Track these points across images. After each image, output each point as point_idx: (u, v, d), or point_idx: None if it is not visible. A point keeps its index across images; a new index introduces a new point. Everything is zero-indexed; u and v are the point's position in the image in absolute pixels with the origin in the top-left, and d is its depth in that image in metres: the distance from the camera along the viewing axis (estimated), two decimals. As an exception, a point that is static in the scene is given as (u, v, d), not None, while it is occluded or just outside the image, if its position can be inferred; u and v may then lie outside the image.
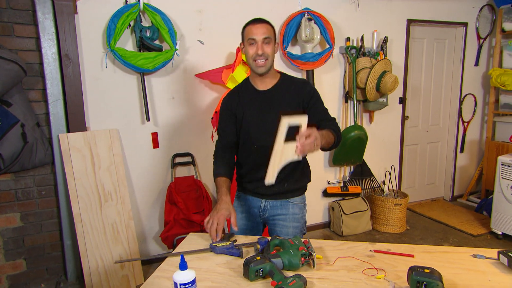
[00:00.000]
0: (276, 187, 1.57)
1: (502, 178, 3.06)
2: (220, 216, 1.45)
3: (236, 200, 1.77)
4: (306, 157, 1.67)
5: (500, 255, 1.23)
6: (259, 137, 1.59)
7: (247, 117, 1.60)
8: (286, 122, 1.33)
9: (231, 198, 1.58)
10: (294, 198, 1.67)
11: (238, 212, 1.71)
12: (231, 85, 2.65)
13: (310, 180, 1.74)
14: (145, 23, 2.57)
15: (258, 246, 1.38)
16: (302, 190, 1.71)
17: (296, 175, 1.65)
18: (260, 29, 1.52)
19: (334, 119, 1.62)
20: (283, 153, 1.33)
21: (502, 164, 3.06)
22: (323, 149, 1.46)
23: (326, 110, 1.63)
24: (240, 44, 1.62)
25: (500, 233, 3.17)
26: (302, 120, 1.33)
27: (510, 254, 1.20)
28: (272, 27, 1.57)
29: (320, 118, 1.57)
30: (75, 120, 2.46)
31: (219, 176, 1.63)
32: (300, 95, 1.59)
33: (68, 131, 2.44)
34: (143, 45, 2.52)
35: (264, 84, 1.62)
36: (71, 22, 2.36)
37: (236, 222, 1.47)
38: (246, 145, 1.64)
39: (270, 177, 1.33)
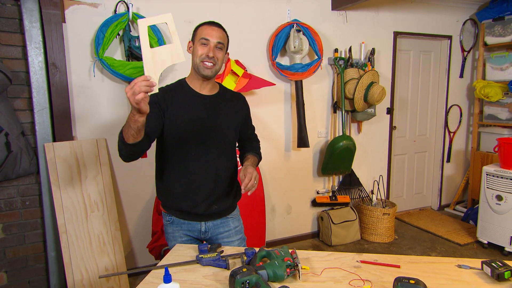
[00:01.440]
0: (216, 206, 1.56)
1: (487, 187, 3.11)
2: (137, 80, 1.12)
3: (169, 226, 1.61)
4: (235, 174, 1.67)
5: (484, 265, 1.25)
6: (199, 144, 1.49)
7: (184, 120, 1.47)
8: (143, 23, 1.20)
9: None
10: (232, 213, 1.66)
11: (177, 238, 1.58)
12: (220, 95, 2.66)
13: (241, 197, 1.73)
14: (134, 32, 2.57)
15: (245, 258, 1.37)
16: (235, 204, 1.70)
17: (232, 192, 1.64)
18: (216, 33, 1.47)
19: (256, 135, 1.79)
20: (158, 60, 1.20)
21: (487, 174, 3.11)
22: None
23: (253, 127, 1.78)
24: (189, 42, 1.54)
25: (486, 242, 3.20)
26: (166, 19, 1.22)
27: (493, 264, 1.22)
28: (227, 35, 1.54)
29: (250, 133, 1.74)
30: (62, 129, 2.42)
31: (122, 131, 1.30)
32: (242, 108, 1.65)
33: (54, 140, 2.41)
34: (132, 55, 2.51)
35: (205, 89, 1.54)
36: (58, 31, 2.35)
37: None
38: (179, 151, 1.49)
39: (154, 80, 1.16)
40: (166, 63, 1.23)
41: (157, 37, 2.54)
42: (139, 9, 2.58)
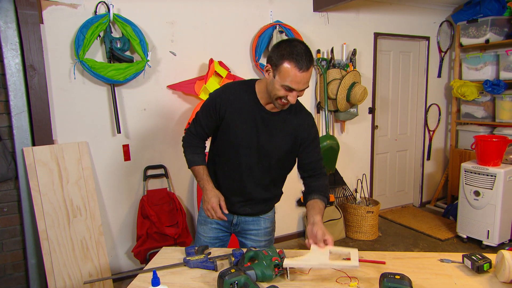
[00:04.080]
0: (249, 208, 1.58)
1: (466, 184, 3.21)
2: (213, 204, 1.45)
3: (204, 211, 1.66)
4: (282, 188, 1.68)
5: (465, 259, 1.29)
6: (245, 155, 1.48)
7: (240, 133, 1.45)
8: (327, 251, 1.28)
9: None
10: (265, 214, 1.67)
11: (208, 223, 1.64)
12: (204, 96, 2.65)
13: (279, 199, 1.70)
14: (116, 34, 2.53)
15: (233, 259, 1.37)
16: (272, 207, 1.71)
17: (269, 200, 1.65)
18: (304, 80, 1.29)
19: (325, 171, 1.58)
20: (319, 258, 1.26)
21: (465, 171, 3.21)
22: None
23: (321, 157, 1.57)
24: (266, 65, 1.35)
25: (465, 236, 3.31)
26: (352, 253, 1.27)
27: (473, 257, 1.26)
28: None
29: (312, 162, 1.53)
30: (41, 133, 2.36)
31: (197, 164, 1.53)
32: (303, 131, 1.49)
33: (34, 144, 2.34)
34: (113, 56, 2.47)
35: (270, 105, 1.45)
36: (36, 32, 2.29)
37: (225, 206, 1.47)
38: (227, 155, 1.51)
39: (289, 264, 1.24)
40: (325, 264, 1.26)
41: (139, 38, 2.51)
42: (120, 10, 2.54)
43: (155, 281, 1.01)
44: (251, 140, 1.46)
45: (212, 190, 1.48)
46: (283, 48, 1.29)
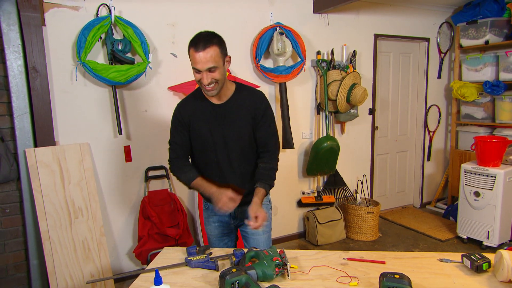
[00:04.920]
0: (245, 198, 1.59)
1: (466, 184, 3.22)
2: (223, 201, 1.45)
3: (205, 211, 1.75)
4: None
5: (464, 258, 1.30)
6: (218, 151, 1.58)
7: (202, 132, 1.58)
8: None
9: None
10: None
11: (211, 222, 1.72)
12: (205, 98, 2.66)
13: None
14: (117, 36, 2.55)
15: (234, 258, 1.38)
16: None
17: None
18: (203, 59, 1.40)
19: (277, 145, 1.66)
20: None
21: (465, 172, 3.22)
22: None
23: (273, 132, 1.64)
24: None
25: (465, 237, 3.31)
26: None
27: (472, 257, 1.27)
28: (218, 44, 1.44)
29: (262, 137, 1.60)
30: (43, 135, 2.37)
31: (194, 179, 1.58)
32: (253, 108, 1.58)
33: (36, 145, 2.36)
34: (115, 58, 2.49)
35: (216, 98, 1.57)
36: (38, 34, 2.31)
37: (235, 193, 1.48)
38: (201, 159, 1.64)
39: None
40: None
41: (140, 40, 2.53)
42: (122, 12, 2.56)
43: (158, 280, 1.02)
44: (215, 135, 1.56)
45: (216, 191, 1.51)
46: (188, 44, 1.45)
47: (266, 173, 1.60)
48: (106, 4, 2.49)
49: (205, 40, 1.41)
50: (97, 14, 2.49)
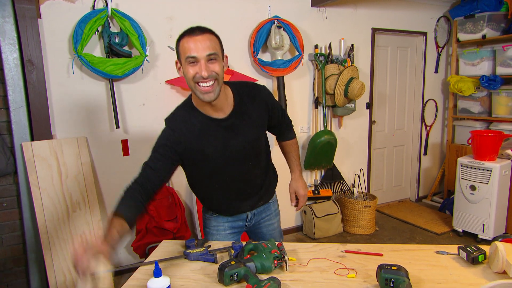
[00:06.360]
0: (263, 201, 1.60)
1: (462, 178, 3.24)
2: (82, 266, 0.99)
3: (214, 219, 1.57)
4: (271, 161, 1.64)
5: (460, 250, 1.32)
6: (228, 169, 1.40)
7: (211, 153, 1.34)
8: None
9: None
10: (272, 198, 1.69)
11: (220, 230, 1.55)
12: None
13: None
14: (114, 28, 2.53)
15: (233, 251, 1.39)
16: (275, 187, 1.72)
17: (272, 183, 1.66)
18: (202, 43, 1.18)
19: (286, 115, 1.62)
20: None
21: (461, 166, 3.24)
22: None
23: (283, 112, 1.57)
24: (176, 63, 1.29)
25: (461, 230, 3.35)
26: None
27: (468, 249, 1.29)
28: (217, 37, 1.25)
29: (279, 119, 1.53)
30: (40, 128, 2.36)
31: (117, 214, 1.17)
32: (263, 106, 1.42)
33: (33, 139, 2.35)
34: (112, 51, 2.47)
35: (219, 111, 1.32)
36: (34, 26, 2.28)
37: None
38: (212, 180, 1.43)
39: None
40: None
41: (137, 33, 2.51)
42: (118, 5, 2.54)
43: (157, 271, 1.03)
44: (226, 155, 1.36)
45: (101, 245, 1.06)
46: (178, 38, 1.26)
47: (295, 147, 1.68)
48: (102, -3, 2.47)
49: (202, 28, 1.23)
50: (93, 6, 2.46)
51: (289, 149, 1.70)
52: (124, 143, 2.71)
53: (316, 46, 3.36)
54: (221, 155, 1.36)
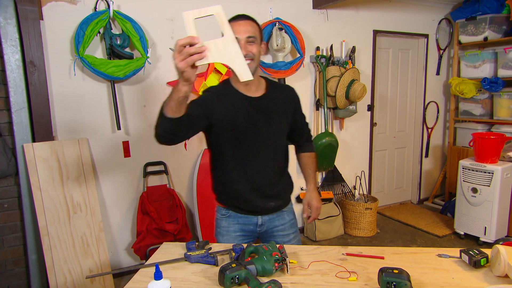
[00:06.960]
0: (274, 202, 1.58)
1: (463, 181, 3.23)
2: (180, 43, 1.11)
3: (225, 220, 1.59)
4: (288, 170, 1.68)
5: (462, 254, 1.31)
6: (253, 148, 1.47)
7: (238, 123, 1.44)
8: (189, 16, 1.16)
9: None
10: (286, 207, 1.67)
11: (230, 232, 1.58)
12: (204, 93, 2.66)
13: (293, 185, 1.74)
14: (116, 30, 2.53)
15: (233, 254, 1.39)
16: (290, 196, 1.72)
17: (286, 188, 1.66)
18: (244, 27, 1.37)
19: (308, 124, 1.73)
20: (227, 52, 1.15)
21: (463, 168, 3.24)
22: None
23: (306, 122, 1.72)
24: None
25: (462, 233, 3.33)
26: (215, 10, 1.17)
27: (470, 252, 1.28)
28: (258, 25, 1.44)
29: (301, 127, 1.67)
30: (41, 129, 2.36)
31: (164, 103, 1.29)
32: (291, 103, 1.58)
33: (34, 140, 2.35)
34: (113, 53, 2.47)
35: (251, 90, 1.47)
36: (36, 28, 2.29)
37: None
38: (234, 152, 1.48)
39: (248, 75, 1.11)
40: (239, 55, 1.13)
41: (139, 35, 2.51)
42: (120, 7, 2.54)
43: (158, 274, 1.02)
44: (252, 130, 1.46)
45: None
46: None
47: (313, 160, 1.72)
48: (104, -2, 2.47)
49: (245, 16, 1.43)
50: (95, 8, 2.47)
51: (307, 161, 1.73)
52: (125, 144, 2.71)
53: (318, 48, 3.36)
54: (247, 127, 1.45)
